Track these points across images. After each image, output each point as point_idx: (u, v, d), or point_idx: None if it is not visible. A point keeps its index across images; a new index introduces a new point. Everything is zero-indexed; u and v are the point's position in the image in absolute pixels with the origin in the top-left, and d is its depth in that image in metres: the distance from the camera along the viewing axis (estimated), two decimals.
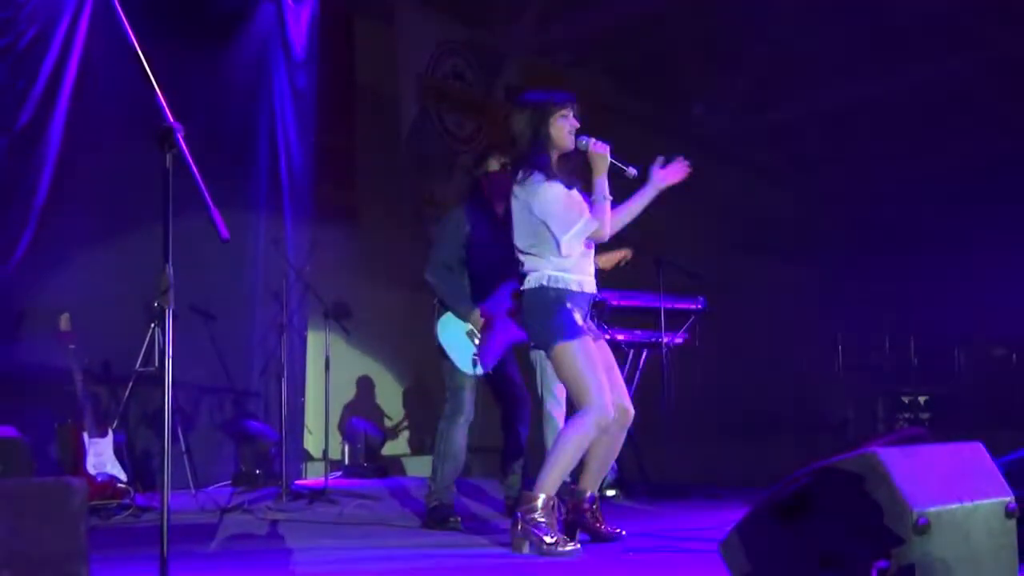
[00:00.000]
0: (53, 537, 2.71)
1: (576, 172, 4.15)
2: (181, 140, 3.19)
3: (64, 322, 5.20)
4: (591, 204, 4.06)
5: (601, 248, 6.21)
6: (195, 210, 3.05)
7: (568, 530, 4.11)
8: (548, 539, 3.78)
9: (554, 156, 4.10)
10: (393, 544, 4.32)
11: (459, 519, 4.84)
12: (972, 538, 2.54)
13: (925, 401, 11.92)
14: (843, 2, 9.08)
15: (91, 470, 5.08)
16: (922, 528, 2.37)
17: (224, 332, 6.62)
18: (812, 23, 9.46)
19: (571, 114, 4.10)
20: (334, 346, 6.54)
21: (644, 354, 6.30)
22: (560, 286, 4.02)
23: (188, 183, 3.04)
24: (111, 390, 5.91)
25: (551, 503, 3.87)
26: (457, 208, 5.17)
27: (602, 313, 5.90)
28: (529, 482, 4.59)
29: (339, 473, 7.24)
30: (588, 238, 4.06)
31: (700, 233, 11.47)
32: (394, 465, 7.74)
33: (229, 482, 6.48)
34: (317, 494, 5.82)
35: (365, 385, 8.05)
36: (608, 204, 4.06)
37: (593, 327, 4.25)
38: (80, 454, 5.10)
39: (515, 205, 4.11)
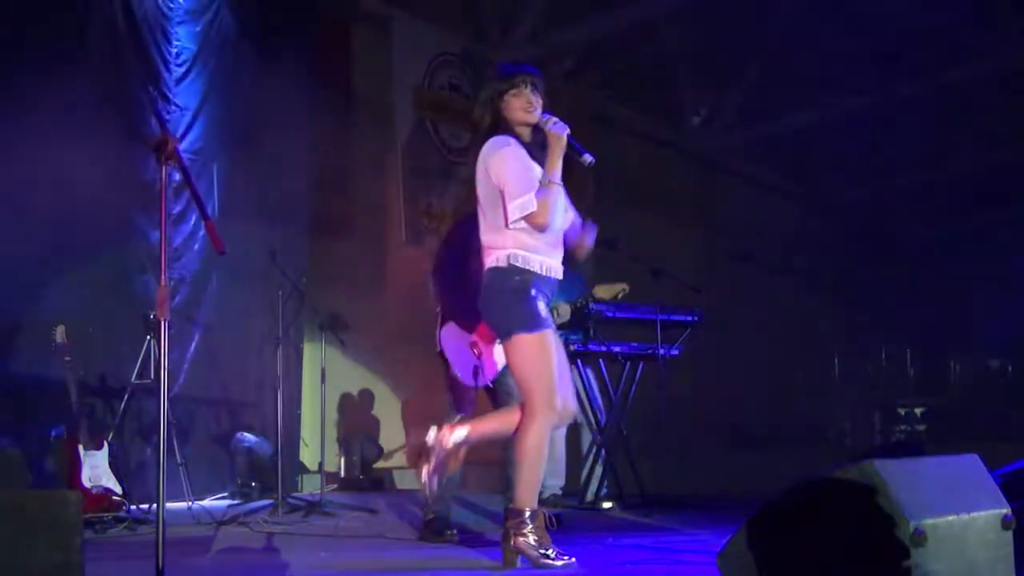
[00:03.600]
0: (48, 549, 2.70)
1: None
2: (177, 153, 3.19)
3: (60, 334, 5.19)
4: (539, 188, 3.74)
5: (600, 279, 6.21)
6: (191, 222, 3.06)
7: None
8: (542, 552, 3.74)
9: (525, 133, 3.87)
10: (389, 557, 4.31)
11: (455, 532, 4.83)
12: (969, 550, 2.54)
13: (921, 413, 11.93)
14: (843, 13, 9.10)
15: (86, 482, 5.06)
16: (919, 539, 2.37)
17: (220, 344, 6.61)
18: (811, 33, 9.48)
19: (527, 89, 3.85)
20: (330, 358, 6.54)
21: (640, 366, 6.30)
22: (524, 266, 3.75)
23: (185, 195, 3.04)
24: (107, 402, 5.90)
25: (540, 516, 3.78)
26: (464, 219, 5.20)
27: (597, 323, 5.90)
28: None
29: (335, 486, 7.23)
30: (526, 221, 3.73)
31: (696, 245, 11.49)
32: (390, 478, 7.73)
33: (225, 495, 6.47)
34: (313, 507, 5.81)
35: (361, 397, 8.04)
36: (555, 190, 3.75)
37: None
38: (76, 466, 5.08)
39: (479, 173, 3.87)
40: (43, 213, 5.73)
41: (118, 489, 5.16)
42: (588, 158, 3.82)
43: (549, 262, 3.82)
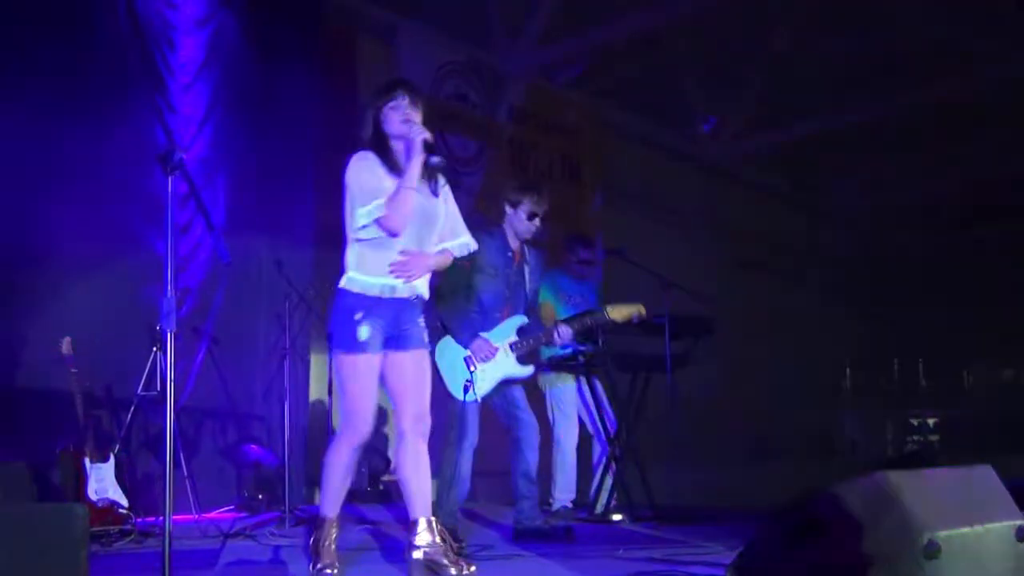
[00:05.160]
0: (54, 563, 2.71)
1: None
2: (182, 162, 3.20)
3: (66, 346, 5.21)
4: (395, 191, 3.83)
5: (609, 289, 6.24)
6: (197, 232, 3.06)
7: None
8: (321, 565, 3.86)
9: (396, 147, 3.96)
10: (397, 572, 4.31)
11: (464, 546, 4.82)
12: (983, 562, 2.53)
13: (934, 423, 11.89)
14: (850, 20, 9.11)
15: (92, 495, 5.07)
16: (932, 552, 2.36)
17: (226, 356, 6.62)
18: (817, 40, 9.49)
19: (404, 102, 3.95)
20: None
21: (648, 376, 6.29)
22: (357, 291, 3.87)
23: (191, 205, 3.05)
24: (113, 414, 5.91)
25: (326, 525, 3.97)
26: (476, 232, 5.22)
27: (606, 331, 5.90)
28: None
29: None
30: (380, 225, 3.81)
31: (704, 255, 11.48)
32: (398, 490, 7.71)
33: (232, 507, 6.47)
34: None
35: None
36: (407, 194, 3.81)
37: (414, 332, 3.98)
38: (81, 479, 5.09)
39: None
40: (49, 223, 5.76)
41: (124, 502, 5.17)
42: (433, 160, 3.96)
43: (389, 283, 3.90)
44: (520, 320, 5.16)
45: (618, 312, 5.36)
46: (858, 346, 13.49)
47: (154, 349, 5.54)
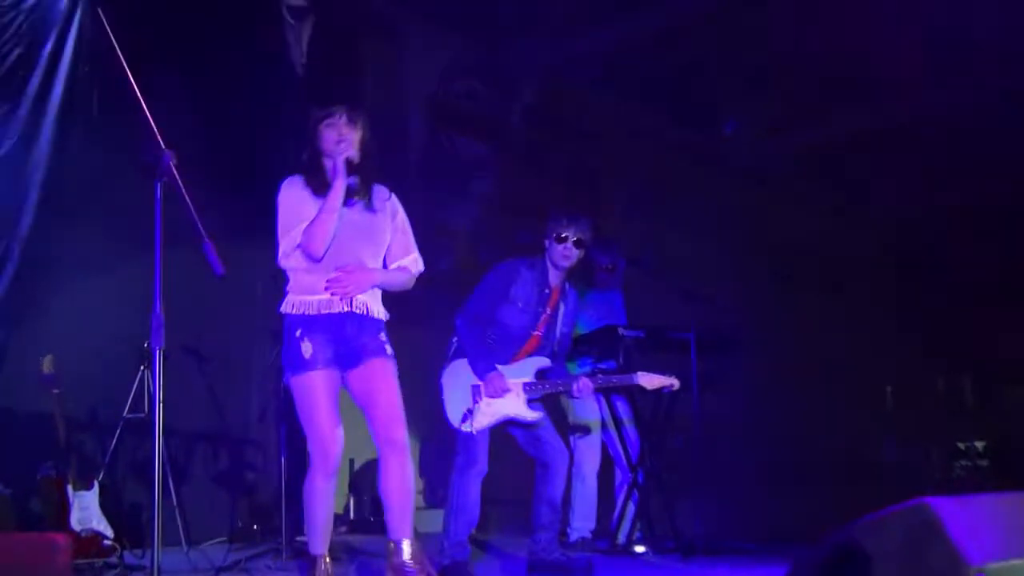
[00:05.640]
0: None
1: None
2: (173, 167, 3.21)
3: (47, 364, 5.23)
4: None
5: (628, 301, 6.28)
6: (189, 243, 3.08)
7: None
8: None
9: (328, 166, 4.10)
10: None
11: None
12: None
13: (983, 447, 11.81)
14: (901, 7, 9.06)
15: (76, 525, 5.08)
16: None
17: (219, 375, 6.63)
18: (859, 29, 9.44)
19: (339, 121, 4.13)
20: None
21: (670, 396, 6.26)
22: (296, 312, 4.07)
23: (182, 214, 3.06)
24: (97, 438, 5.93)
25: (319, 562, 4.08)
26: (514, 261, 5.27)
27: (627, 350, 5.90)
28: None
29: (344, 528, 7.22)
30: (300, 250, 4.05)
31: (732, 264, 11.45)
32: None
33: (225, 538, 6.47)
34: None
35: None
36: (328, 219, 3.99)
37: (370, 345, 4.09)
38: (64, 508, 5.10)
39: None
40: (29, 233, 5.78)
41: (109, 532, 5.18)
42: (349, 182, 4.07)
43: (325, 298, 4.05)
44: (542, 362, 5.19)
45: (648, 381, 5.36)
46: (900, 363, 13.41)
47: (141, 368, 5.56)
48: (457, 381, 5.04)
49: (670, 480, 6.29)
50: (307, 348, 3.98)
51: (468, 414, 4.91)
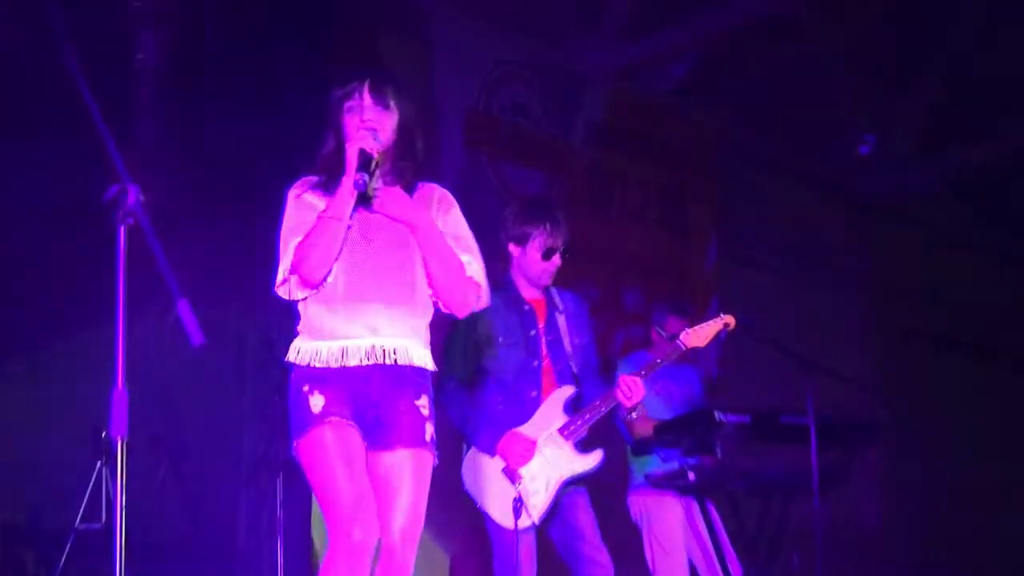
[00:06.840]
0: None
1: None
2: (139, 207, 3.23)
3: None
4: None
5: (728, 371, 6.17)
6: (160, 302, 3.09)
7: None
8: None
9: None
10: None
11: None
12: None
13: None
14: None
15: None
16: None
17: (197, 471, 6.65)
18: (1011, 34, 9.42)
19: (363, 103, 3.84)
20: None
21: (787, 500, 6.19)
22: (302, 361, 3.82)
23: (150, 267, 3.07)
24: (39, 553, 5.95)
25: None
26: None
27: (725, 439, 5.84)
28: None
29: None
30: (297, 277, 3.79)
31: (864, 320, 11.39)
32: None
33: None
34: None
35: None
36: (328, 228, 3.71)
37: (402, 422, 3.79)
38: None
39: None
40: None
41: None
42: (358, 178, 3.70)
43: (343, 343, 3.78)
44: (565, 393, 5.08)
45: (697, 337, 5.21)
46: None
47: (98, 463, 5.58)
48: (482, 475, 4.96)
49: None
50: (317, 401, 3.73)
51: (518, 503, 4.78)
